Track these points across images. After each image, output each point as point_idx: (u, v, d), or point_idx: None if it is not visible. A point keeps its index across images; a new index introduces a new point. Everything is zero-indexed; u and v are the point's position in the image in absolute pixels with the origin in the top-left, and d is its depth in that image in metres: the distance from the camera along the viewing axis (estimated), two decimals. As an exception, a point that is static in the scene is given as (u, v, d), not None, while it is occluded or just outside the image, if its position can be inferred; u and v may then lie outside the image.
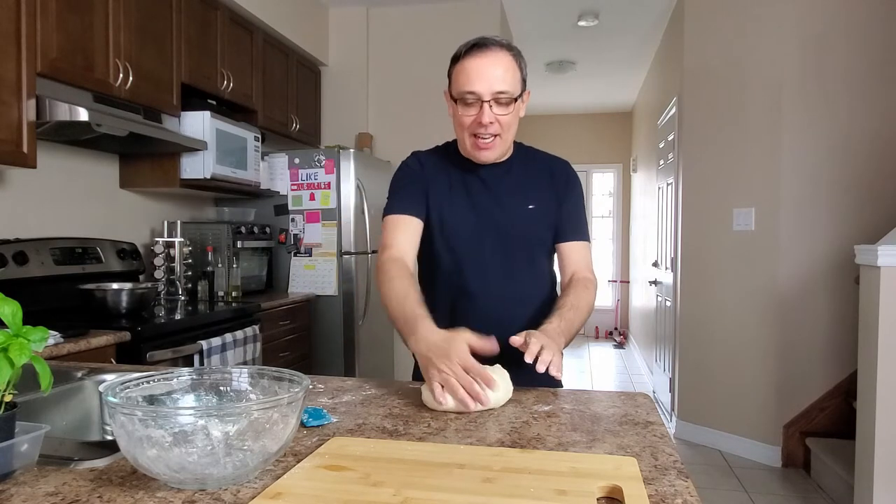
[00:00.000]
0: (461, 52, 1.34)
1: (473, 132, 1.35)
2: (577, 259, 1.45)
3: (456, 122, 1.38)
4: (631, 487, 0.72)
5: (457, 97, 1.35)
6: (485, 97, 1.31)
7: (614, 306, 7.95)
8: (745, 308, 3.56)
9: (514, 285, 1.42)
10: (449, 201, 1.43)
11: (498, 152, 1.39)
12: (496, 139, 1.35)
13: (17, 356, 0.74)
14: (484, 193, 1.43)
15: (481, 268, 1.41)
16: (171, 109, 2.78)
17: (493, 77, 1.30)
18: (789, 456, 3.40)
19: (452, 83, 1.37)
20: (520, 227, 1.42)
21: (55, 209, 2.59)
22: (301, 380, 0.82)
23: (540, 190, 1.45)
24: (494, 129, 1.34)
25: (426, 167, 1.46)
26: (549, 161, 1.51)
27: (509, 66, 1.33)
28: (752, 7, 3.51)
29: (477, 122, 1.33)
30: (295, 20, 3.92)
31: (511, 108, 1.34)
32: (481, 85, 1.30)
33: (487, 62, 1.31)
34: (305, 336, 3.49)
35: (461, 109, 1.35)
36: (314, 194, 3.63)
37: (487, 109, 1.31)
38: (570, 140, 7.78)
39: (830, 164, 3.31)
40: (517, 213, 1.42)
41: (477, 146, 1.36)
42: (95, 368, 1.36)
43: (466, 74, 1.32)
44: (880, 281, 2.35)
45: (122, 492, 0.73)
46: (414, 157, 1.50)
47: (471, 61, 1.32)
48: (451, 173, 1.45)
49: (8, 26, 1.97)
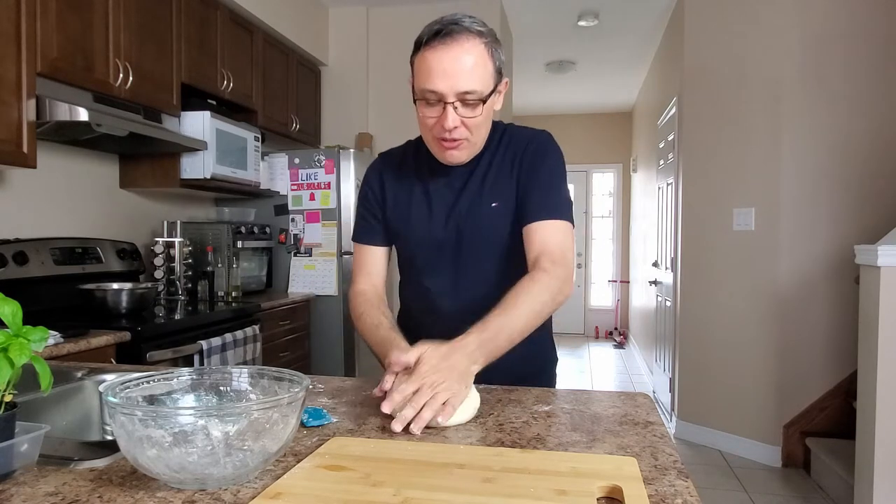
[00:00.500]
0: (423, 39, 1.15)
1: (437, 135, 1.19)
2: (540, 244, 1.20)
3: (419, 121, 1.22)
4: (631, 487, 0.72)
5: (417, 95, 1.17)
6: (448, 98, 1.13)
7: (614, 306, 7.95)
8: (745, 308, 3.56)
9: (482, 291, 1.26)
10: (408, 212, 1.33)
11: (467, 154, 1.24)
12: (463, 142, 1.20)
13: (17, 356, 0.74)
14: (446, 197, 1.30)
15: (444, 275, 1.32)
16: (171, 109, 2.78)
17: (458, 74, 1.11)
18: (789, 456, 3.40)
19: (414, 76, 1.18)
20: (482, 228, 1.28)
21: (55, 209, 2.59)
22: (301, 380, 0.82)
23: (507, 182, 1.27)
24: (459, 132, 1.17)
25: (385, 178, 1.37)
26: (520, 137, 1.31)
27: (479, 58, 1.13)
28: (752, 7, 3.51)
29: (440, 124, 1.16)
30: (295, 20, 3.92)
31: (479, 110, 1.16)
32: (444, 83, 1.12)
33: (453, 55, 1.11)
34: (305, 336, 3.49)
35: (423, 109, 1.18)
36: (314, 194, 3.63)
37: (451, 112, 1.14)
38: (570, 140, 7.77)
39: (830, 164, 3.31)
40: (479, 215, 1.27)
41: (442, 147, 1.21)
42: (95, 368, 1.36)
43: (428, 68, 1.13)
44: (880, 281, 2.35)
45: (122, 492, 0.73)
46: (375, 171, 1.40)
47: (433, 53, 1.12)
48: (413, 178, 1.34)
49: (8, 26, 1.97)
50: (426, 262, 1.34)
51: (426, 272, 1.34)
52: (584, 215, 8.07)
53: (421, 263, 1.35)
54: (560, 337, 7.62)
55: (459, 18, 1.14)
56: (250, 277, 3.46)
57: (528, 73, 5.91)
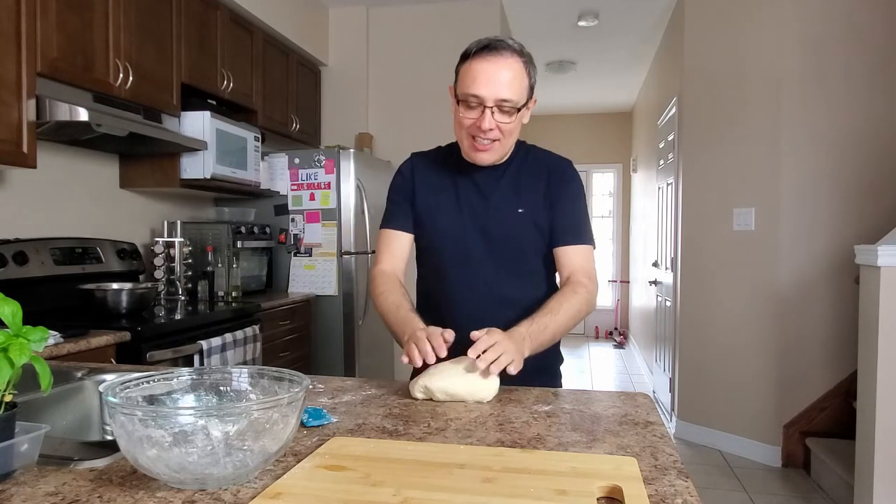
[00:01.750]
0: (471, 51, 1.31)
1: (472, 134, 1.32)
2: (572, 264, 1.40)
3: (456, 120, 1.35)
4: (631, 487, 0.72)
5: (460, 98, 1.32)
6: (488, 102, 1.27)
7: (614, 306, 7.95)
8: (744, 308, 3.56)
9: (501, 289, 1.40)
10: (437, 205, 1.43)
11: (496, 156, 1.37)
12: (495, 143, 1.33)
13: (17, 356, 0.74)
14: (475, 197, 1.41)
15: (467, 271, 1.40)
16: (171, 109, 2.78)
17: (499, 83, 1.27)
18: (789, 456, 3.40)
19: (458, 82, 1.34)
20: (507, 231, 1.40)
21: (55, 209, 2.59)
22: (301, 380, 0.82)
23: (532, 192, 1.41)
24: (494, 135, 1.31)
25: (417, 172, 1.47)
26: (548, 161, 1.46)
27: (518, 72, 1.29)
28: (752, 7, 3.51)
29: (477, 125, 1.30)
30: (295, 20, 3.92)
31: (514, 118, 1.31)
32: (486, 89, 1.27)
33: (496, 67, 1.27)
34: (305, 336, 3.49)
35: (463, 111, 1.32)
36: (314, 194, 3.63)
37: (489, 115, 1.28)
38: (570, 140, 7.78)
39: (830, 164, 3.31)
40: (505, 217, 1.40)
41: (474, 147, 1.34)
42: (95, 368, 1.36)
43: (473, 76, 1.28)
44: (880, 281, 2.35)
45: (122, 492, 0.73)
46: (408, 163, 1.51)
47: (479, 63, 1.28)
48: (444, 176, 1.45)
49: (8, 26, 1.97)
50: (450, 255, 1.42)
51: (449, 264, 1.42)
52: (584, 215, 8.06)
53: (445, 255, 1.43)
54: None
55: (504, 38, 1.32)
56: (250, 277, 3.46)
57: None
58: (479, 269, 1.40)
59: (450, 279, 1.42)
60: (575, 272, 1.38)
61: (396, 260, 1.47)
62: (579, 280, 1.37)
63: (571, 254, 1.40)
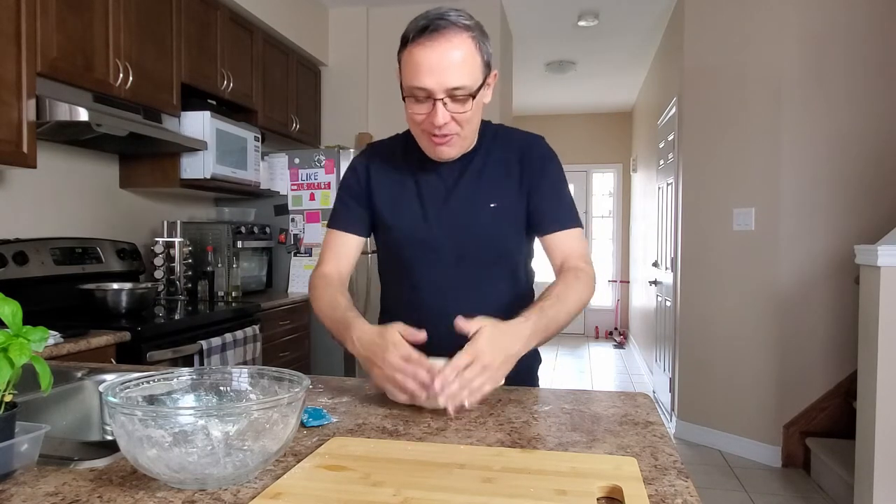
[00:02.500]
0: (409, 35, 1.15)
1: (427, 130, 1.18)
2: (565, 249, 1.26)
3: (407, 116, 1.20)
4: (631, 487, 0.72)
5: (405, 92, 1.16)
6: (437, 94, 1.11)
7: (614, 306, 7.95)
8: (745, 308, 3.56)
9: (479, 296, 1.26)
10: (397, 204, 1.30)
11: (457, 149, 1.23)
12: (453, 136, 1.18)
13: (17, 356, 0.74)
14: (439, 194, 1.27)
15: (438, 282, 1.27)
16: (171, 109, 2.78)
17: (446, 70, 1.10)
18: (789, 456, 3.40)
19: (402, 72, 1.17)
20: (479, 230, 1.26)
21: (55, 209, 2.59)
22: (301, 380, 0.82)
23: (505, 182, 1.27)
24: (450, 128, 1.16)
25: (373, 168, 1.33)
26: (519, 141, 1.31)
27: (468, 52, 1.12)
28: (752, 7, 3.51)
29: (430, 121, 1.15)
30: (295, 20, 3.92)
31: (469, 105, 1.14)
32: (432, 80, 1.10)
33: (440, 52, 1.10)
34: (305, 336, 3.49)
35: (411, 106, 1.16)
36: (314, 194, 3.63)
37: (441, 108, 1.12)
38: (570, 140, 7.78)
39: (830, 164, 3.31)
40: (476, 215, 1.26)
41: (432, 143, 1.19)
42: (95, 368, 1.36)
43: (415, 66, 1.11)
44: (880, 281, 2.35)
45: (122, 492, 0.73)
46: (362, 158, 1.36)
47: (420, 50, 1.11)
48: (404, 170, 1.30)
49: (8, 26, 1.97)
50: (417, 260, 1.29)
51: (417, 270, 1.30)
52: (584, 215, 8.07)
53: (412, 260, 1.30)
54: (560, 337, 7.62)
55: (445, 12, 1.13)
56: (250, 277, 3.46)
57: (528, 73, 5.90)
58: (450, 272, 1.27)
59: (417, 286, 1.29)
60: (569, 257, 1.25)
61: (341, 263, 1.35)
62: (577, 265, 1.24)
63: (562, 239, 1.27)
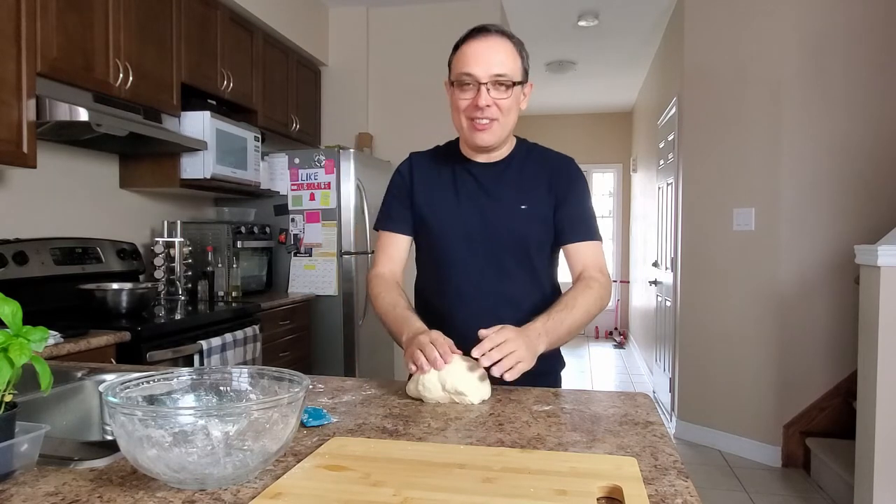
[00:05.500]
0: (461, 39, 1.34)
1: (470, 115, 1.32)
2: (584, 259, 1.39)
3: (453, 107, 1.35)
4: (631, 487, 0.72)
5: (455, 80, 1.33)
6: (482, 79, 1.28)
7: (614, 306, 7.95)
8: (745, 308, 3.56)
9: (504, 286, 1.39)
10: (437, 202, 1.42)
11: (496, 136, 1.35)
12: (494, 123, 1.32)
13: (17, 356, 0.74)
14: (475, 193, 1.40)
15: (469, 269, 1.39)
16: (171, 109, 2.78)
17: (491, 60, 1.28)
18: (789, 456, 3.40)
19: (451, 69, 1.35)
20: (510, 227, 1.38)
21: (55, 209, 2.59)
22: (301, 380, 0.82)
23: (536, 189, 1.40)
24: (491, 112, 1.31)
25: (416, 171, 1.46)
26: (551, 159, 1.46)
27: (510, 52, 1.31)
28: (752, 7, 3.51)
29: (474, 104, 1.30)
30: (295, 20, 3.92)
31: (510, 93, 1.31)
32: (479, 67, 1.28)
33: (486, 45, 1.30)
34: (305, 336, 3.49)
35: (458, 93, 1.32)
36: (314, 194, 3.63)
37: (485, 92, 1.29)
38: (570, 140, 7.78)
39: (830, 164, 3.31)
40: (508, 214, 1.38)
41: (474, 127, 1.33)
42: (95, 368, 1.36)
43: (465, 58, 1.30)
44: (880, 281, 2.35)
45: (122, 492, 0.73)
46: (406, 163, 1.50)
47: (470, 45, 1.31)
48: (444, 173, 1.44)
49: (8, 26, 1.97)
50: (452, 254, 1.40)
51: (451, 264, 1.40)
52: (584, 215, 8.06)
53: (447, 254, 1.40)
54: (560, 337, 7.62)
55: (492, 25, 1.34)
56: (250, 277, 3.46)
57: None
58: (482, 267, 1.38)
59: (451, 278, 1.40)
60: (587, 267, 1.38)
61: (394, 263, 1.46)
62: (592, 275, 1.36)
63: (582, 250, 1.40)
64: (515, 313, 1.30)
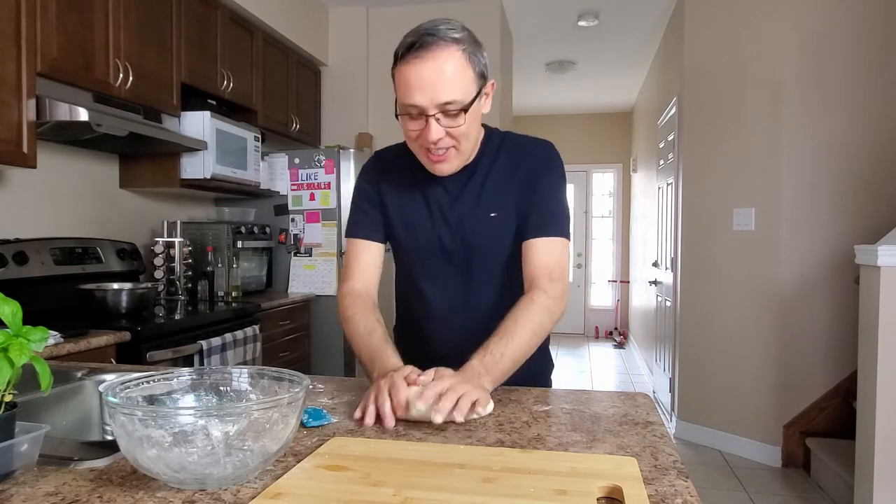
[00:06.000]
0: (399, 53, 1.13)
1: (423, 145, 1.17)
2: (536, 261, 1.23)
3: (405, 133, 1.20)
4: (631, 487, 0.72)
5: (400, 110, 1.16)
6: (429, 111, 1.11)
7: (614, 306, 7.95)
8: (745, 308, 3.56)
9: (478, 299, 1.29)
10: (406, 212, 1.31)
11: (455, 163, 1.22)
12: (450, 151, 1.18)
13: (17, 356, 0.74)
14: (444, 201, 1.28)
15: (441, 280, 1.30)
16: (171, 109, 2.78)
17: (436, 86, 1.10)
18: (789, 456, 3.40)
19: (396, 89, 1.16)
20: (480, 238, 1.27)
21: (55, 209, 2.59)
22: (301, 380, 0.82)
23: (506, 191, 1.27)
24: (445, 143, 1.16)
25: (384, 175, 1.34)
26: (524, 147, 1.30)
27: (458, 66, 1.11)
28: (752, 7, 3.51)
29: (424, 137, 1.15)
30: (295, 20, 3.92)
31: (462, 119, 1.14)
32: (423, 96, 1.10)
33: (430, 68, 1.09)
34: (305, 336, 3.49)
35: (406, 123, 1.16)
36: (314, 194, 3.63)
37: (434, 125, 1.12)
38: (570, 140, 7.78)
39: (830, 164, 3.31)
40: (478, 223, 1.26)
41: (430, 159, 1.20)
42: (95, 368, 1.36)
43: (406, 83, 1.11)
44: (880, 281, 2.35)
45: (122, 492, 0.73)
46: (371, 166, 1.37)
47: (409, 68, 1.10)
48: (411, 178, 1.31)
49: (8, 26, 1.97)
50: (427, 270, 1.31)
51: (426, 279, 1.32)
52: (584, 215, 8.07)
53: (421, 270, 1.32)
54: (560, 337, 7.63)
55: (434, 27, 1.11)
56: (250, 277, 3.46)
57: (528, 73, 5.90)
58: (454, 277, 1.29)
59: (424, 289, 1.32)
60: (537, 275, 1.22)
61: (368, 274, 1.33)
62: (539, 285, 1.20)
63: (537, 247, 1.24)
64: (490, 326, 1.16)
